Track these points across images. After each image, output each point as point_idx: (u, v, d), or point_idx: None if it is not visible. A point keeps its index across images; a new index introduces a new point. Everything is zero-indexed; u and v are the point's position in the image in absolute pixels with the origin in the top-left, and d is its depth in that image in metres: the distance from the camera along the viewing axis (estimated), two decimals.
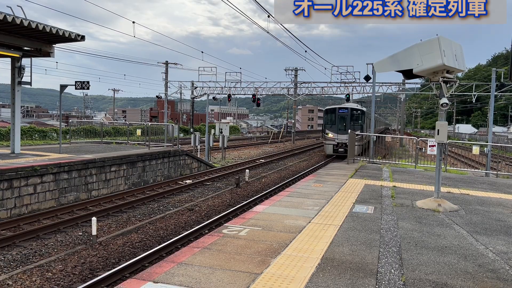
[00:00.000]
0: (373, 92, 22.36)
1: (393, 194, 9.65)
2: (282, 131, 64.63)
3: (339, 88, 38.70)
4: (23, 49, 14.16)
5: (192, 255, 5.00)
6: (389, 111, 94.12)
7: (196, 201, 14.39)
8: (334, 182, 11.10)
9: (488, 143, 22.79)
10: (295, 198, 8.76)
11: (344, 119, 28.04)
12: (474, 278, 4.61)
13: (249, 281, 4.26)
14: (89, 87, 16.12)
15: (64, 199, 13.14)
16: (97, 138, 24.75)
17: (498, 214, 8.06)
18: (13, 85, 14.84)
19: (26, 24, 11.82)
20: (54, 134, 30.23)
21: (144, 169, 17.17)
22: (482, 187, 11.81)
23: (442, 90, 7.85)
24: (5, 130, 26.42)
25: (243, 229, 6.23)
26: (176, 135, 23.20)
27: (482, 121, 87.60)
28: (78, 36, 13.87)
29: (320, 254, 5.20)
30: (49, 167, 12.58)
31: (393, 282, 4.38)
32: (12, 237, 9.52)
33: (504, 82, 32.49)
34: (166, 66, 44.07)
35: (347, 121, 27.74)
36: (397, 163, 17.72)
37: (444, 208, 8.17)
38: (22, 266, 8.04)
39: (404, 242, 5.88)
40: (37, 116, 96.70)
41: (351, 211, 7.72)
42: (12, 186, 11.45)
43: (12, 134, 15.26)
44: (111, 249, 9.15)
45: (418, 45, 7.57)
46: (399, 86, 38.27)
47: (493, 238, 6.32)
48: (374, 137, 19.66)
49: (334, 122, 28.33)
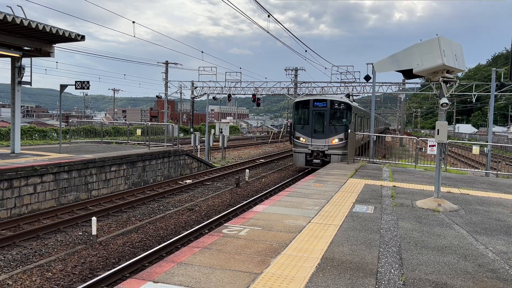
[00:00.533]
0: (373, 92, 22.34)
1: (393, 194, 9.65)
2: (282, 131, 64.67)
3: (339, 88, 38.69)
4: (23, 49, 14.16)
5: (192, 255, 5.00)
6: (389, 111, 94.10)
7: (196, 201, 14.39)
8: (334, 182, 11.10)
9: (488, 143, 22.78)
10: (295, 198, 8.76)
11: (322, 117, 20.16)
12: (474, 278, 4.61)
13: (249, 281, 4.26)
14: (89, 87, 16.13)
15: (64, 199, 13.14)
16: (97, 138, 24.75)
17: (498, 214, 8.06)
18: (13, 85, 14.84)
19: (26, 24, 11.82)
20: (54, 134, 30.22)
21: (144, 169, 17.16)
22: (482, 187, 11.81)
23: (442, 90, 7.85)
24: (5, 130, 26.42)
25: (243, 229, 6.23)
26: (176, 135, 23.19)
27: (482, 121, 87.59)
28: (78, 36, 13.87)
29: (320, 254, 5.20)
30: (49, 167, 12.57)
31: (393, 282, 4.38)
32: (12, 237, 9.52)
33: (504, 82, 32.48)
34: (166, 66, 44.06)
35: (326, 119, 19.99)
36: (397, 163, 17.72)
37: (444, 208, 8.17)
38: (22, 266, 8.04)
39: (404, 242, 5.89)
40: (37, 116, 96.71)
41: (351, 211, 7.72)
42: (12, 186, 11.44)
43: (12, 134, 15.26)
44: (111, 249, 9.15)
45: (418, 45, 7.57)
46: (399, 86, 38.29)
47: (493, 238, 6.32)
48: (374, 137, 19.66)
49: (307, 120, 20.38)
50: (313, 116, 20.28)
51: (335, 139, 19.65)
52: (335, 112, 20.24)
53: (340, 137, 19.65)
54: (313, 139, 20.11)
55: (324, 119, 20.09)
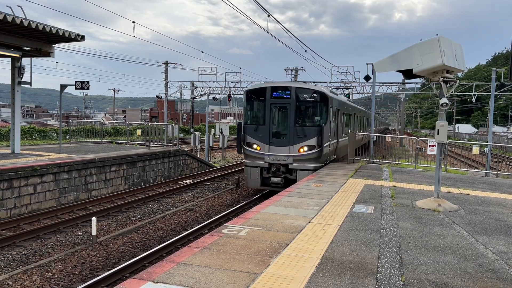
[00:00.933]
0: (373, 92, 22.35)
1: (393, 194, 9.65)
2: None
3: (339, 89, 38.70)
4: (23, 49, 14.16)
5: (192, 255, 5.00)
6: (389, 111, 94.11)
7: (196, 201, 14.40)
8: (334, 182, 11.10)
9: (488, 143, 22.79)
10: (295, 198, 8.76)
11: (284, 113, 14.24)
12: (474, 278, 4.61)
13: (249, 281, 4.26)
14: (89, 87, 16.14)
15: (64, 199, 13.14)
16: (97, 138, 24.76)
17: (498, 214, 8.06)
18: (13, 85, 14.84)
19: (26, 24, 11.82)
20: (54, 134, 30.23)
21: (144, 169, 17.17)
22: (482, 187, 11.81)
23: (442, 90, 7.85)
24: (5, 130, 26.42)
25: (243, 229, 6.23)
26: (176, 135, 23.21)
27: (482, 121, 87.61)
28: (78, 36, 13.87)
29: (320, 254, 5.20)
30: (49, 167, 12.57)
31: (393, 282, 4.38)
32: (12, 237, 9.52)
33: (504, 82, 32.47)
34: (166, 66, 44.06)
35: (290, 117, 14.05)
36: (397, 163, 17.72)
37: (444, 208, 8.17)
38: (22, 266, 8.04)
39: (404, 242, 5.88)
40: (37, 116, 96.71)
41: (351, 211, 7.72)
42: (12, 186, 11.44)
43: (12, 134, 15.26)
44: (111, 249, 9.15)
45: (418, 45, 7.57)
46: (399, 86, 38.29)
47: (493, 238, 6.31)
48: (374, 137, 19.66)
49: (264, 119, 14.34)
50: (271, 113, 14.08)
51: (303, 147, 13.75)
52: (304, 106, 14.11)
53: (311, 143, 13.67)
54: (271, 146, 13.97)
55: (288, 117, 13.95)
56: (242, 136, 14.60)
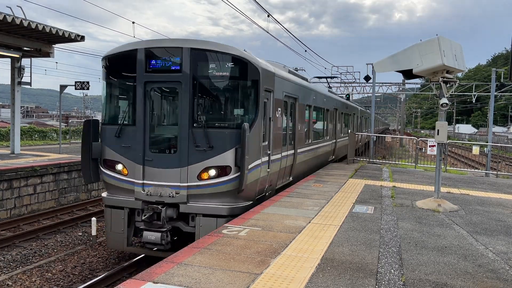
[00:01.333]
0: (373, 92, 22.34)
1: (393, 194, 9.65)
2: None
3: (339, 88, 38.72)
4: (23, 49, 14.17)
5: (192, 255, 5.00)
6: (389, 111, 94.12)
7: None
8: (334, 182, 11.09)
9: (488, 143, 22.78)
10: (295, 198, 8.75)
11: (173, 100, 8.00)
12: (474, 278, 4.61)
13: (249, 281, 4.26)
14: (89, 87, 16.16)
15: (64, 199, 13.13)
16: None
17: (498, 214, 8.06)
18: (13, 85, 14.85)
19: (26, 25, 11.82)
20: (54, 134, 30.23)
21: None
22: (482, 187, 11.81)
23: (442, 90, 7.84)
24: (5, 130, 26.41)
25: (243, 229, 6.22)
26: None
27: (482, 121, 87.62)
28: (78, 36, 13.88)
29: (320, 254, 5.19)
30: (49, 167, 12.57)
31: (393, 282, 4.38)
32: (12, 237, 9.52)
33: (504, 82, 32.50)
34: None
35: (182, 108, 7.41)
36: (397, 163, 17.72)
37: (444, 208, 8.16)
38: (22, 267, 8.04)
39: (404, 242, 5.88)
40: (37, 116, 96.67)
41: (351, 211, 7.71)
42: (12, 187, 11.44)
43: (12, 134, 15.26)
44: (110, 250, 9.15)
45: (418, 45, 7.56)
46: (399, 86, 38.31)
47: (493, 238, 6.31)
48: (374, 137, 19.65)
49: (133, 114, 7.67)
50: (146, 101, 7.66)
51: (209, 169, 7.41)
52: (210, 87, 7.79)
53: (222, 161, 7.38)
54: (148, 167, 7.60)
55: (179, 109, 7.57)
56: (91, 148, 7.81)
